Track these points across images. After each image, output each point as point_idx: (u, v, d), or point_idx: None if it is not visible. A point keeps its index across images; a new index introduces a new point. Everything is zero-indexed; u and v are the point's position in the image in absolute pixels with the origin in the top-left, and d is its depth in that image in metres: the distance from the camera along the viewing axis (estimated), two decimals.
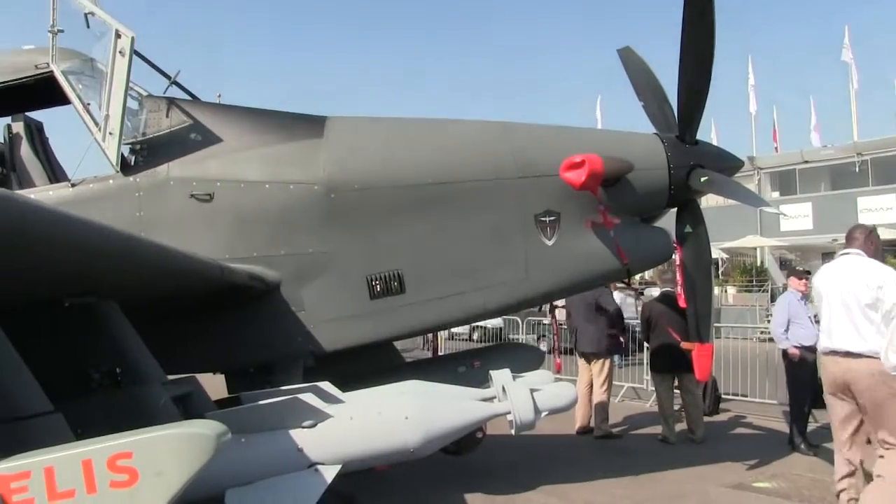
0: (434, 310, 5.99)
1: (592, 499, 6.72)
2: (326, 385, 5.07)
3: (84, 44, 6.13)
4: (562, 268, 6.09)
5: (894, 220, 29.76)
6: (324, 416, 4.67)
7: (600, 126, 34.00)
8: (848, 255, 5.75)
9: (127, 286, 4.51)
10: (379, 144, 6.15)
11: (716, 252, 24.89)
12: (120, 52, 5.51)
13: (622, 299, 17.88)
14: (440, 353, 10.51)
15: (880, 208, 33.15)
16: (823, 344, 5.74)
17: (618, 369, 12.83)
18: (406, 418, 4.79)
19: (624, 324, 10.42)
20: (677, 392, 9.54)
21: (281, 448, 4.55)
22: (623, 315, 10.45)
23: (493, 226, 6.00)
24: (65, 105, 6.14)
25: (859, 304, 5.41)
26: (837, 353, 5.55)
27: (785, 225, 35.39)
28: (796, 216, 34.74)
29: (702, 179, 6.17)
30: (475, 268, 5.99)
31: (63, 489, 2.67)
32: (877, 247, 5.80)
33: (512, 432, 5.50)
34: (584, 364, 9.94)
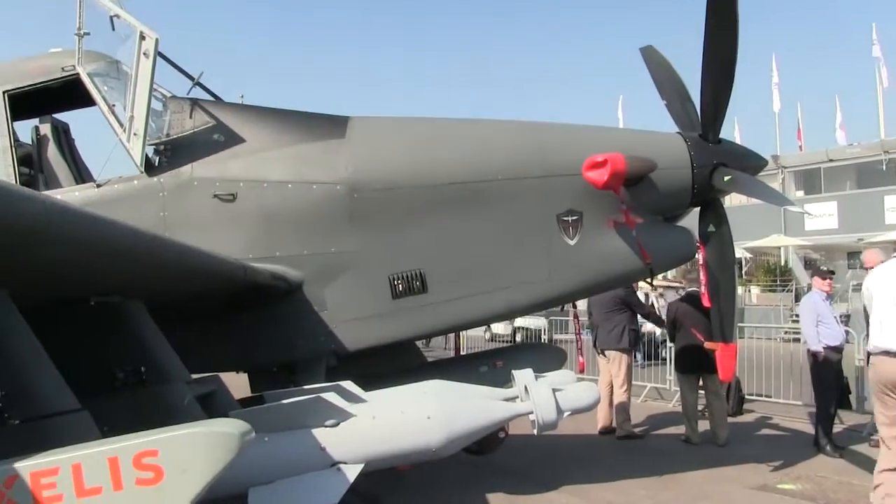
0: (456, 309, 5.98)
1: (614, 499, 6.69)
2: (349, 384, 5.09)
3: (109, 46, 6.19)
4: (584, 267, 6.06)
5: None
6: (346, 416, 4.68)
7: (622, 125, 33.79)
8: None
9: (151, 285, 4.55)
10: (402, 144, 6.16)
11: (739, 251, 24.67)
12: (144, 54, 5.56)
13: (646, 299, 17.81)
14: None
15: None
16: (876, 343, 5.72)
17: (640, 369, 12.78)
18: (428, 418, 4.79)
19: (637, 322, 10.35)
20: (701, 393, 9.48)
21: (304, 447, 4.56)
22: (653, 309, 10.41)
23: (516, 225, 5.98)
24: (90, 106, 6.21)
25: None
26: (890, 353, 5.55)
27: (809, 224, 35.02)
28: (821, 215, 34.38)
29: (725, 178, 6.12)
30: (497, 267, 5.98)
31: (90, 486, 2.69)
32: None
33: (534, 432, 5.48)
34: (605, 363, 9.91)
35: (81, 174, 6.76)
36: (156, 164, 5.98)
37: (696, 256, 6.58)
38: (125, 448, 2.78)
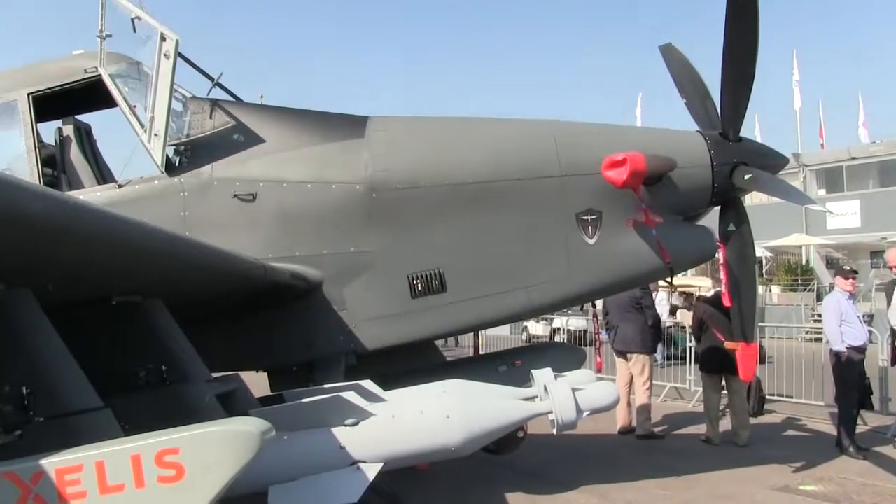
0: (475, 309, 5.98)
1: (634, 499, 6.66)
2: (368, 384, 5.10)
3: (130, 47, 6.24)
4: (604, 267, 6.04)
5: None
6: (366, 415, 4.69)
7: (641, 124, 33.61)
8: None
9: (172, 285, 4.58)
10: (421, 143, 6.16)
11: (760, 251, 24.47)
12: (165, 55, 5.59)
13: (664, 299, 17.71)
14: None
15: None
16: None
17: (659, 369, 12.71)
18: (447, 417, 4.78)
19: (661, 325, 10.31)
20: (724, 393, 9.42)
21: (323, 446, 4.57)
22: (659, 320, 10.36)
23: (535, 225, 5.97)
24: (112, 107, 6.26)
25: None
26: None
27: (831, 223, 34.62)
28: (843, 214, 33.97)
29: (745, 177, 6.08)
30: (516, 267, 5.97)
31: (113, 483, 2.72)
32: None
33: (553, 432, 5.47)
34: (623, 363, 9.88)
35: (103, 174, 6.82)
36: (176, 165, 6.03)
37: (717, 256, 6.55)
38: (147, 446, 2.80)
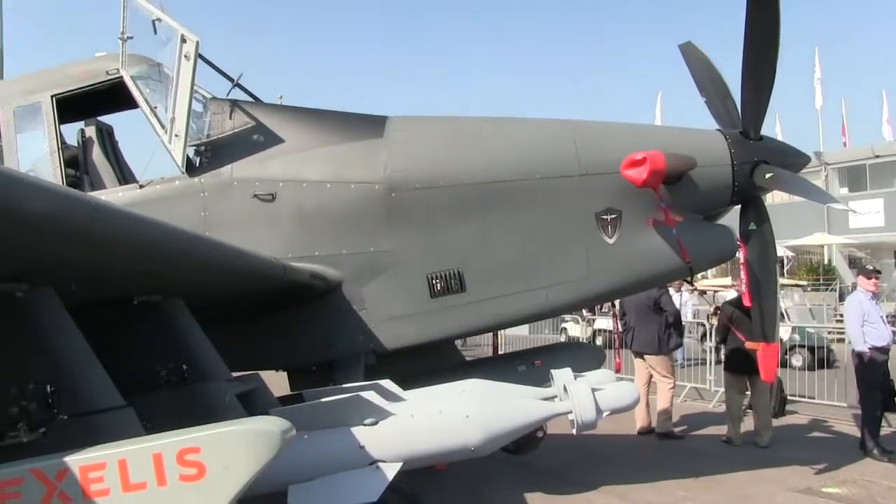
0: (495, 308, 5.98)
1: (654, 500, 6.64)
2: (388, 383, 5.11)
3: (151, 49, 6.29)
4: (623, 266, 6.02)
5: None
6: (385, 414, 4.69)
7: (660, 123, 33.44)
8: None
9: (192, 285, 4.60)
10: (440, 143, 6.16)
11: (781, 250, 24.27)
12: (185, 57, 5.63)
13: (686, 300, 17.60)
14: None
15: None
16: None
17: (680, 369, 12.65)
18: (467, 417, 4.77)
19: (682, 326, 10.24)
20: (747, 393, 9.36)
21: (343, 445, 4.58)
22: (681, 317, 10.28)
23: (554, 224, 5.96)
24: (133, 109, 6.31)
25: None
26: None
27: (854, 222, 34.26)
28: (866, 212, 33.59)
29: (766, 176, 6.04)
30: (536, 266, 5.96)
31: (135, 481, 2.73)
32: None
33: (573, 432, 5.45)
34: (641, 363, 9.83)
35: (125, 175, 6.89)
36: (197, 165, 6.07)
37: (737, 255, 6.50)
38: (169, 444, 2.81)
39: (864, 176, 36.62)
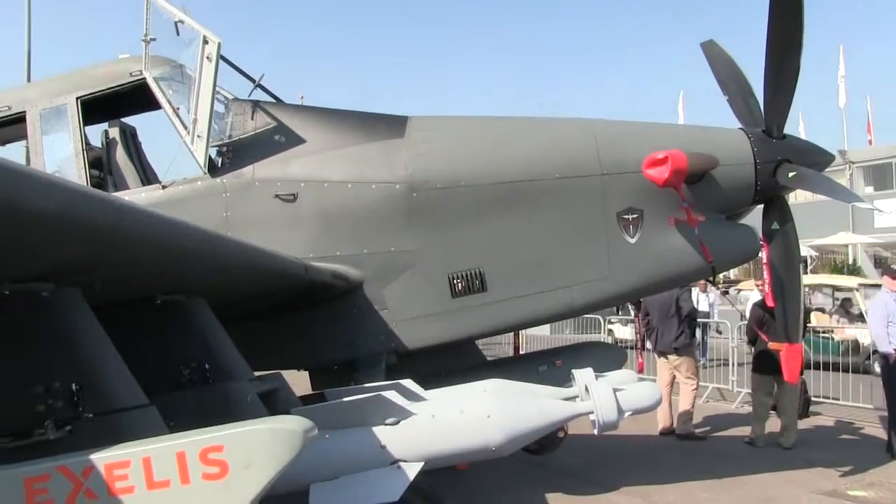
0: (516, 308, 5.97)
1: (676, 500, 6.60)
2: (409, 383, 5.12)
3: (174, 51, 6.34)
4: (645, 266, 5.99)
5: None
6: (407, 414, 4.70)
7: (682, 122, 33.19)
8: None
9: (215, 284, 4.63)
10: (461, 143, 6.16)
11: (804, 250, 24.00)
12: (207, 58, 5.67)
13: (714, 300, 17.46)
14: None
15: None
16: None
17: (702, 369, 12.56)
18: (488, 417, 4.77)
19: (695, 325, 10.16)
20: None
21: (364, 445, 4.59)
22: (696, 316, 10.19)
23: (576, 223, 5.95)
24: (156, 110, 6.37)
25: None
26: None
27: (879, 221, 33.76)
28: (892, 211, 33.13)
29: (790, 175, 5.99)
30: (557, 266, 5.95)
31: (159, 479, 2.75)
32: None
33: (594, 432, 5.43)
34: (664, 363, 9.77)
35: (148, 176, 6.95)
36: (219, 166, 6.11)
37: (760, 255, 6.45)
38: (192, 443, 2.83)
39: (890, 174, 36.10)
